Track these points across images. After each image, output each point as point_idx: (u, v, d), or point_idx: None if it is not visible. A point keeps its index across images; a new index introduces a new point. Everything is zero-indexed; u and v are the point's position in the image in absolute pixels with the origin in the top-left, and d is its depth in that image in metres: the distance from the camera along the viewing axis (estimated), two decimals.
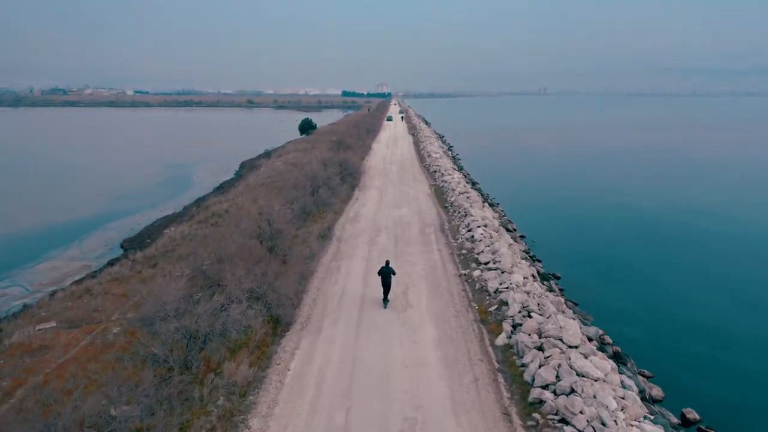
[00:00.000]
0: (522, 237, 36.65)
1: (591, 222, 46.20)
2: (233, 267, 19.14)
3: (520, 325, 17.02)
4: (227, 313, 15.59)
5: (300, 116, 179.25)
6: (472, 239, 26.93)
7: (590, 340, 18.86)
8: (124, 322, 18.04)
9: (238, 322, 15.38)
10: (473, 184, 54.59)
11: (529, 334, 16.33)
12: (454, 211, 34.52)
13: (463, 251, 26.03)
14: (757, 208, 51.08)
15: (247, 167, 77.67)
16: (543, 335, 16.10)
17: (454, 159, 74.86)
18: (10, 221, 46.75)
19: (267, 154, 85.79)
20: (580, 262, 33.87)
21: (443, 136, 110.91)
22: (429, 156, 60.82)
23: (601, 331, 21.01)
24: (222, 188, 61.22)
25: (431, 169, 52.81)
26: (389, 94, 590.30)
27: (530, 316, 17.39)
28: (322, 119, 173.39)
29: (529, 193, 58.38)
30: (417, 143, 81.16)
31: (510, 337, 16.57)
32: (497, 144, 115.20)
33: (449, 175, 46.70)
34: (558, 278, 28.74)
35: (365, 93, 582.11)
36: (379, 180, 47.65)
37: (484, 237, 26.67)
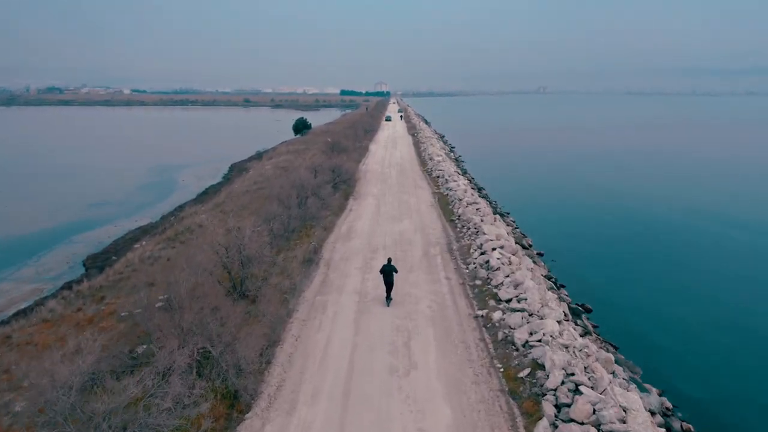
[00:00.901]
0: (540, 255, 32.04)
1: (611, 231, 41.64)
2: (181, 316, 14.51)
3: (567, 406, 12.36)
4: (160, 398, 10.96)
5: (297, 115, 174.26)
6: (488, 266, 22.27)
7: (653, 413, 14.29)
8: (29, 399, 13.36)
9: (173, 414, 10.74)
10: (479, 190, 50.02)
11: (582, 424, 11.70)
12: (463, 226, 29.87)
13: (477, 282, 21.37)
14: None
15: (236, 170, 73.03)
16: (602, 428, 11.46)
17: (457, 161, 70.28)
18: None
19: (258, 156, 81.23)
20: (608, 284, 29.30)
21: (444, 136, 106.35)
22: (431, 159, 56.16)
23: (658, 392, 16.45)
24: (207, 193, 56.61)
25: (433, 174, 48.13)
26: (388, 93, 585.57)
27: (579, 391, 12.73)
28: (319, 118, 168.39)
29: (539, 199, 53.83)
30: (417, 144, 76.49)
31: (555, 426, 11.92)
32: (499, 144, 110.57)
33: (454, 181, 42.05)
34: (589, 311, 24.13)
35: (364, 92, 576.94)
36: (377, 186, 42.98)
37: (503, 263, 22.01)
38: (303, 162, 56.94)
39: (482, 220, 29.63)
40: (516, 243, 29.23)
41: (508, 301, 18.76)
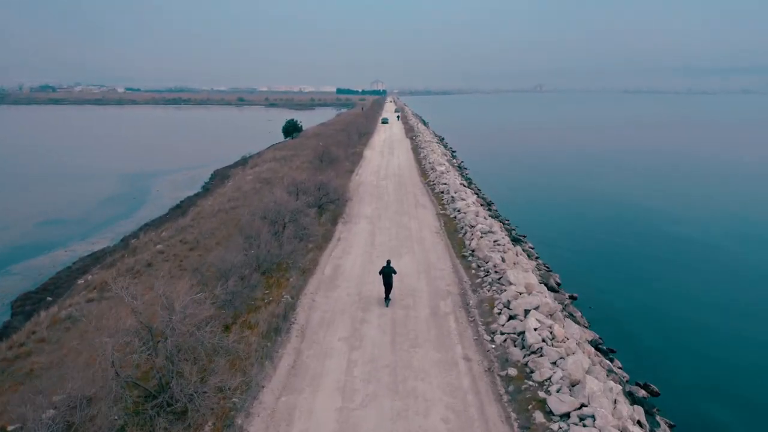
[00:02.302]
0: (573, 299, 25.82)
1: (644, 250, 35.54)
2: None
3: None
4: None
5: (291, 115, 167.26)
6: (523, 341, 16.02)
7: None
8: None
9: None
10: (489, 206, 43.86)
11: None
12: (479, 267, 23.61)
13: (511, 370, 15.08)
14: None
15: (218, 177, 66.79)
16: None
17: (460, 168, 64.11)
18: None
19: (244, 161, 74.89)
20: (662, 337, 23.21)
21: (443, 138, 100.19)
22: (433, 169, 49.84)
23: None
24: (180, 207, 50.31)
25: (437, 189, 41.84)
26: (384, 92, 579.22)
27: None
28: (313, 118, 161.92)
29: (552, 212, 47.52)
30: (416, 149, 70.16)
31: None
32: (500, 146, 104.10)
33: (462, 199, 35.77)
34: (656, 395, 17.93)
35: (360, 90, 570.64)
36: (371, 206, 36.68)
37: (544, 340, 15.75)
38: (289, 171, 50.66)
39: (503, 259, 23.39)
40: (547, 287, 23.10)
41: (565, 416, 12.50)
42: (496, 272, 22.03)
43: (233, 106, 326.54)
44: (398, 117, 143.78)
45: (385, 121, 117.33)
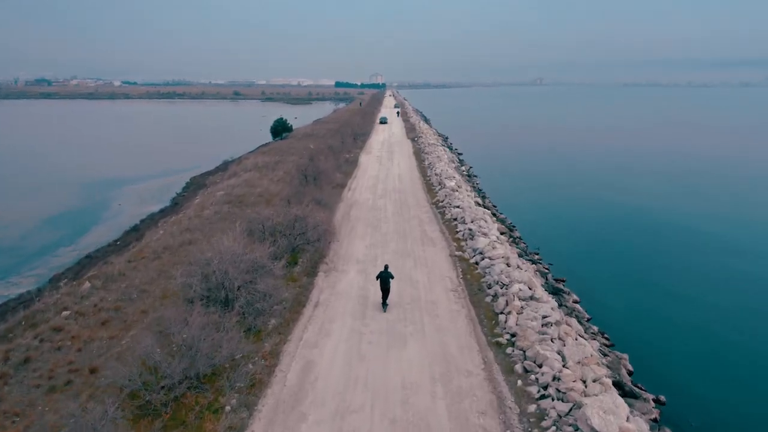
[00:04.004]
0: (659, 404, 17.46)
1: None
2: None
3: None
4: None
5: (287, 110, 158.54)
6: None
7: None
8: None
9: None
10: (510, 231, 35.49)
11: None
12: (527, 372, 15.26)
13: None
14: None
15: (193, 187, 58.37)
16: None
17: (470, 177, 55.69)
18: None
19: (225, 166, 66.50)
20: None
21: (447, 138, 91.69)
22: (441, 183, 41.37)
23: None
24: (137, 229, 41.84)
25: (447, 214, 33.39)
26: (384, 85, 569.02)
27: None
28: (309, 114, 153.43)
29: (578, 232, 38.78)
30: (419, 154, 61.72)
31: None
32: (507, 145, 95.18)
33: (482, 234, 27.31)
34: None
35: (359, 84, 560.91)
36: (364, 240, 28.27)
37: None
38: (268, 185, 42.38)
39: (563, 360, 15.08)
40: (623, 392, 14.88)
41: None
42: (559, 392, 13.67)
43: (228, 100, 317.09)
44: (398, 113, 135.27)
45: (383, 121, 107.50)
